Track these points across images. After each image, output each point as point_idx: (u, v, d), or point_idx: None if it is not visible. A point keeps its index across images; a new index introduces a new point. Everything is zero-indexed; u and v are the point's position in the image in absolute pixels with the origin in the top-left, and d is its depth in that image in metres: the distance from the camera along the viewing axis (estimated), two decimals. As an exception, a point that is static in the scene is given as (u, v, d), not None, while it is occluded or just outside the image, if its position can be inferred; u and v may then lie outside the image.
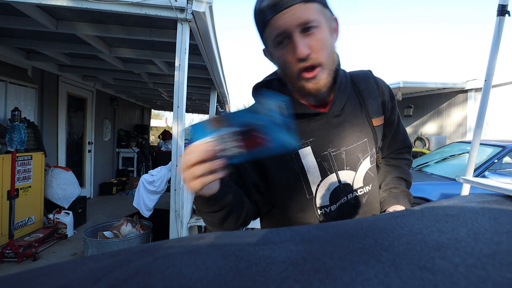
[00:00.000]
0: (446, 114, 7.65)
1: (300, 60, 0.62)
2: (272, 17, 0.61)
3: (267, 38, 0.65)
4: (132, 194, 5.55)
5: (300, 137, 0.71)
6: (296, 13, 0.60)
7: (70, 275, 0.20)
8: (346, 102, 0.74)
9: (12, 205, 2.94)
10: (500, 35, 1.91)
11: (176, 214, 2.26)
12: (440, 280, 0.17)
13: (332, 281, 0.18)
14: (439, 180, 3.52)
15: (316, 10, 0.62)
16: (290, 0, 0.59)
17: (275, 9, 0.60)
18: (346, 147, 0.72)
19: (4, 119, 3.46)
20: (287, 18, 0.60)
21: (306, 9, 0.60)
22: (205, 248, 0.24)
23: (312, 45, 0.62)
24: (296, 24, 0.60)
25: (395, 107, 0.82)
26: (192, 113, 11.43)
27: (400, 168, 0.85)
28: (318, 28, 0.62)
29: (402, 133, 0.87)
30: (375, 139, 0.77)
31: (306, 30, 0.61)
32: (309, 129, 0.72)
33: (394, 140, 0.85)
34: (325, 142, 0.71)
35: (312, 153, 0.71)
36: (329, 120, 0.72)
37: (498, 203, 0.36)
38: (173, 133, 2.26)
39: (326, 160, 0.71)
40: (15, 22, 2.60)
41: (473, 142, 2.04)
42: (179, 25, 2.21)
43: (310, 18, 0.60)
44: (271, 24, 0.62)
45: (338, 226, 0.28)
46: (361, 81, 0.78)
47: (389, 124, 0.81)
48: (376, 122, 0.76)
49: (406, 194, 0.80)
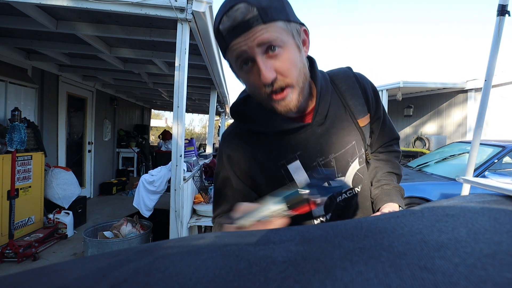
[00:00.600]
0: (446, 114, 7.65)
1: (266, 85, 0.59)
2: (231, 42, 0.58)
3: (231, 61, 0.63)
4: (132, 194, 5.56)
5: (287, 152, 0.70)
6: (256, 35, 0.56)
7: (70, 275, 0.20)
8: (329, 107, 0.72)
9: (12, 205, 2.94)
10: (500, 35, 1.91)
11: (176, 214, 2.26)
12: (440, 280, 0.17)
13: (332, 281, 0.18)
14: (439, 180, 3.52)
15: (278, 29, 0.58)
16: (249, 22, 0.56)
17: (234, 33, 0.57)
18: (335, 153, 0.71)
19: (4, 119, 3.46)
20: (247, 41, 0.57)
21: (267, 29, 0.57)
22: (205, 248, 0.24)
23: (278, 68, 0.59)
24: (256, 45, 0.57)
25: (379, 101, 0.80)
26: (192, 113, 11.43)
27: (390, 162, 0.84)
28: (282, 48, 0.59)
29: (389, 126, 0.85)
30: (363, 139, 0.76)
31: (269, 50, 0.58)
32: (295, 142, 0.70)
33: (382, 135, 0.84)
34: (313, 153, 0.70)
35: (302, 167, 0.70)
36: (314, 130, 0.70)
37: (498, 203, 0.36)
38: (173, 133, 2.26)
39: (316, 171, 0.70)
40: (15, 22, 2.60)
41: (473, 142, 2.04)
42: (179, 25, 2.21)
43: (271, 38, 0.57)
44: (231, 48, 0.59)
45: (338, 226, 0.28)
46: (342, 81, 0.76)
47: (375, 120, 0.80)
48: (362, 122, 0.75)
49: (398, 189, 0.79)
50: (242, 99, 0.76)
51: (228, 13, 0.56)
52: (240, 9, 0.56)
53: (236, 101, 0.77)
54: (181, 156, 2.27)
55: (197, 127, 23.41)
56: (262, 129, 0.71)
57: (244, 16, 0.56)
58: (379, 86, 7.10)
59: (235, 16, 0.56)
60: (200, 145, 10.40)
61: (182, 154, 2.29)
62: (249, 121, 0.73)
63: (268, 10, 0.57)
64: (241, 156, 0.74)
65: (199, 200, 2.98)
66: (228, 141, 0.77)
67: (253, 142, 0.73)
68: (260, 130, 0.72)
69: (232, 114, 0.77)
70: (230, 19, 0.56)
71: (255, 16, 0.56)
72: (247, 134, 0.74)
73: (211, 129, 5.77)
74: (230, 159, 0.75)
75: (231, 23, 0.56)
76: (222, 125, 9.17)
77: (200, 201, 2.97)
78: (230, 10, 0.56)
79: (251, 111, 0.73)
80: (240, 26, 0.56)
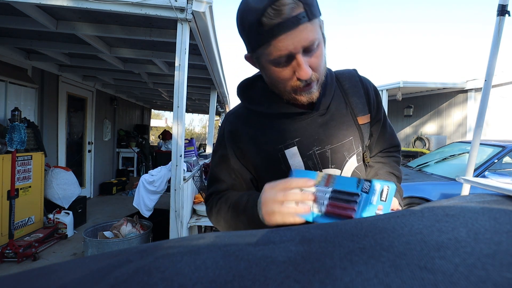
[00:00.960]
0: (446, 114, 7.65)
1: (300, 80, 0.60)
2: (277, 37, 0.56)
3: (264, 53, 0.60)
4: (132, 194, 5.56)
5: (286, 137, 0.72)
6: (302, 35, 0.56)
7: (70, 275, 0.20)
8: (332, 101, 0.74)
9: (12, 205, 2.94)
10: (500, 35, 1.91)
11: (176, 214, 2.26)
12: (440, 280, 0.17)
13: (332, 281, 0.18)
14: (439, 180, 3.52)
15: (317, 27, 0.59)
16: (297, 19, 0.54)
17: (281, 29, 0.55)
18: (331, 145, 0.72)
19: (4, 119, 3.46)
20: (294, 39, 0.55)
21: (311, 29, 0.57)
22: (205, 248, 0.24)
23: (312, 63, 0.60)
24: (302, 46, 0.57)
25: (380, 105, 0.81)
26: (192, 113, 11.43)
27: (389, 164, 0.85)
28: (318, 45, 0.60)
29: (389, 132, 0.86)
30: (361, 138, 0.76)
31: (309, 49, 0.59)
32: (295, 128, 0.72)
33: (382, 139, 0.85)
34: (310, 141, 0.71)
35: (299, 153, 0.71)
36: (315, 119, 0.72)
37: (498, 203, 0.36)
38: (173, 133, 2.26)
39: (311, 159, 0.72)
40: (15, 22, 2.60)
41: (473, 142, 2.04)
42: (179, 25, 2.21)
43: (315, 39, 0.58)
44: (274, 44, 0.57)
45: (338, 226, 0.28)
46: (346, 79, 0.77)
47: (375, 122, 0.81)
48: (361, 120, 0.76)
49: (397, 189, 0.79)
50: (250, 81, 0.77)
51: (275, 6, 0.54)
52: (289, 4, 0.54)
53: (245, 80, 0.78)
54: (181, 156, 2.27)
55: (197, 127, 23.42)
56: (265, 111, 0.73)
57: (292, 12, 0.54)
58: (379, 86, 7.10)
59: (283, 11, 0.54)
60: (200, 145, 10.40)
61: (182, 154, 2.29)
62: (253, 102, 0.75)
63: (311, 7, 0.57)
64: (241, 136, 0.75)
65: (199, 200, 2.98)
66: (230, 120, 0.78)
67: (255, 123, 0.74)
68: (263, 111, 0.73)
69: (239, 90, 0.78)
70: (277, 12, 0.54)
71: (302, 13, 0.55)
72: (250, 115, 0.75)
73: (211, 129, 5.77)
74: (230, 138, 0.76)
75: (279, 17, 0.54)
76: (222, 125, 9.15)
77: (200, 201, 2.97)
78: (277, 2, 0.54)
79: (257, 92, 0.75)
80: (289, 22, 0.54)
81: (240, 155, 0.75)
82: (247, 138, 0.74)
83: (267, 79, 0.69)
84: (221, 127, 0.80)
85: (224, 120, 0.81)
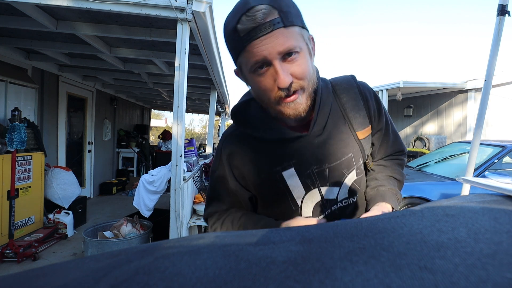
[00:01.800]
0: (446, 114, 7.65)
1: (281, 89, 0.59)
2: (250, 43, 0.56)
3: (243, 62, 0.61)
4: (132, 194, 5.55)
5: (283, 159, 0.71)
6: (277, 40, 0.56)
7: (70, 275, 0.20)
8: (329, 118, 0.72)
9: (12, 205, 2.94)
10: (500, 35, 1.91)
11: (176, 214, 2.26)
12: (440, 280, 0.17)
13: (332, 281, 0.18)
14: (439, 180, 3.52)
15: (297, 35, 0.58)
16: (271, 25, 0.55)
17: (255, 35, 0.55)
18: (329, 164, 0.71)
19: (4, 119, 3.46)
20: (267, 45, 0.56)
21: (287, 35, 0.56)
22: (205, 248, 0.24)
23: (294, 72, 0.59)
24: (277, 51, 0.56)
25: (382, 112, 0.78)
26: (192, 113, 11.43)
27: (390, 167, 0.83)
28: (299, 53, 0.59)
29: (392, 139, 0.83)
30: (362, 151, 0.75)
31: (287, 56, 0.58)
32: (291, 151, 0.71)
33: (384, 147, 0.83)
34: (308, 162, 0.71)
35: (296, 174, 0.71)
36: (311, 140, 0.71)
37: (498, 203, 0.36)
38: (173, 133, 2.26)
39: (309, 177, 0.71)
40: (15, 22, 2.60)
41: (473, 142, 2.04)
42: (179, 25, 2.21)
43: (292, 45, 0.57)
44: (249, 50, 0.57)
45: (338, 226, 0.28)
46: (343, 92, 0.75)
47: (376, 132, 0.79)
48: (362, 134, 0.74)
49: (394, 192, 0.78)
50: (243, 103, 0.76)
51: (249, 13, 0.55)
52: (262, 10, 0.55)
53: (238, 104, 0.77)
54: (181, 156, 2.27)
55: (197, 127, 23.43)
56: (260, 135, 0.72)
57: (265, 17, 0.55)
58: (379, 86, 7.10)
59: (256, 17, 0.55)
60: (200, 145, 10.40)
61: (182, 154, 2.29)
62: (249, 126, 0.74)
63: (288, 14, 0.57)
64: (240, 157, 0.74)
65: (199, 200, 2.98)
66: (228, 141, 0.77)
67: (252, 146, 0.74)
68: (258, 136, 0.72)
69: (233, 117, 0.77)
70: (250, 19, 0.55)
71: (276, 19, 0.56)
72: (247, 137, 0.75)
73: (211, 129, 5.77)
74: (229, 159, 0.75)
75: (252, 23, 0.55)
76: (222, 125, 9.17)
77: (200, 201, 2.97)
78: (251, 10, 0.55)
79: (252, 116, 0.74)
80: (261, 27, 0.55)
81: (239, 176, 0.75)
82: (245, 160, 0.74)
83: (253, 93, 0.68)
84: (218, 148, 0.79)
85: (221, 141, 0.80)
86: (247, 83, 0.68)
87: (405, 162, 0.88)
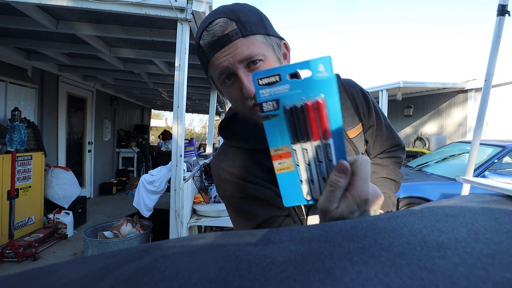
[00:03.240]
0: (446, 114, 7.65)
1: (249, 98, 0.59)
2: (212, 56, 0.58)
3: (212, 75, 0.63)
4: (132, 194, 5.55)
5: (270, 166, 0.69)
6: (236, 50, 0.57)
7: (70, 275, 0.20)
8: None
9: (12, 205, 2.94)
10: (500, 35, 1.91)
11: (176, 214, 2.26)
12: (440, 280, 0.17)
13: (332, 281, 0.18)
14: (439, 180, 3.53)
15: (258, 42, 0.58)
16: (228, 36, 0.56)
17: (214, 47, 0.57)
18: None
19: (4, 119, 3.46)
20: (228, 55, 0.57)
21: (247, 44, 0.57)
22: (205, 248, 0.24)
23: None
24: (238, 61, 0.57)
25: (371, 108, 0.76)
26: (192, 113, 11.43)
27: (386, 167, 0.81)
28: (264, 61, 0.59)
29: (386, 133, 0.81)
30: (355, 150, 0.73)
31: (251, 64, 0.58)
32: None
33: (379, 142, 0.81)
34: None
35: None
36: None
37: (498, 203, 0.36)
38: (173, 133, 2.26)
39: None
40: (15, 22, 2.60)
41: (473, 142, 2.04)
42: (179, 25, 2.21)
43: (253, 53, 0.57)
44: (212, 63, 0.59)
45: (338, 226, 0.28)
46: None
47: (368, 128, 0.77)
48: (352, 133, 0.73)
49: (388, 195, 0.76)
50: (229, 118, 0.75)
51: (208, 28, 0.57)
52: (219, 23, 0.56)
53: (224, 120, 0.76)
54: (181, 156, 2.27)
55: (197, 127, 23.44)
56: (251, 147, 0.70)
57: (223, 30, 0.56)
58: (379, 86, 7.10)
59: (214, 31, 0.57)
60: (200, 145, 10.40)
61: (182, 154, 2.29)
62: (238, 139, 0.72)
63: (247, 24, 0.58)
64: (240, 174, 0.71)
65: (199, 200, 2.98)
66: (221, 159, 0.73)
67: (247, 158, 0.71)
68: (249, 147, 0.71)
69: (221, 133, 0.76)
70: (210, 33, 0.57)
71: (234, 30, 0.57)
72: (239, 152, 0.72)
73: (211, 129, 5.77)
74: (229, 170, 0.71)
75: (211, 37, 0.57)
76: (222, 125, 9.15)
77: (200, 201, 2.97)
78: (210, 25, 0.57)
79: (239, 129, 0.73)
80: (220, 40, 0.57)
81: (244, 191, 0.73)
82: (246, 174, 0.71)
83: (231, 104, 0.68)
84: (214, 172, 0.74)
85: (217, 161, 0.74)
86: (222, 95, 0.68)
87: (403, 159, 0.86)
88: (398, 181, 0.82)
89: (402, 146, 0.85)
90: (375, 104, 0.78)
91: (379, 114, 0.79)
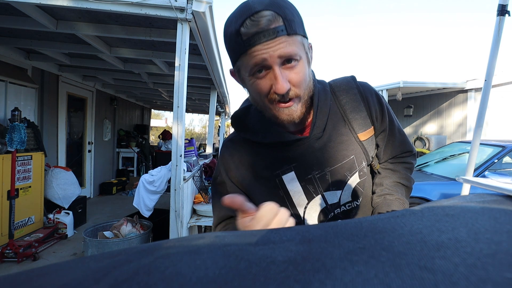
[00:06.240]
0: (446, 114, 7.65)
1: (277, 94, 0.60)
2: (252, 47, 0.57)
3: (243, 64, 0.61)
4: (132, 194, 5.56)
5: (283, 163, 0.70)
6: (279, 45, 0.56)
7: (70, 275, 0.20)
8: (328, 121, 0.71)
9: (12, 205, 2.94)
10: (500, 35, 1.91)
11: (176, 214, 2.26)
12: (440, 280, 0.17)
13: (332, 281, 0.18)
14: (439, 180, 3.52)
15: (298, 43, 0.59)
16: (274, 31, 0.56)
17: (258, 39, 0.56)
18: (330, 167, 0.70)
19: (4, 119, 3.46)
20: (270, 50, 0.56)
21: (290, 42, 0.57)
22: (205, 248, 0.24)
23: (292, 79, 0.60)
24: (278, 55, 0.57)
25: (385, 113, 0.76)
26: (192, 113, 11.43)
27: (398, 172, 0.81)
28: (298, 61, 0.60)
29: (398, 138, 0.80)
30: (365, 153, 0.74)
31: (286, 62, 0.58)
32: (292, 154, 0.70)
33: (390, 147, 0.80)
34: (308, 166, 0.70)
35: (296, 178, 0.70)
36: (311, 143, 0.70)
37: (498, 203, 0.36)
38: (173, 133, 2.26)
39: (311, 183, 0.70)
40: (15, 22, 2.60)
41: (473, 142, 2.04)
42: (179, 25, 2.21)
43: (293, 52, 0.58)
44: (251, 53, 0.58)
45: (338, 226, 0.28)
46: (343, 93, 0.74)
47: (380, 133, 0.77)
48: (363, 136, 0.73)
49: (402, 202, 0.75)
50: (243, 109, 0.76)
51: (253, 17, 0.56)
52: (267, 16, 0.56)
53: (237, 110, 0.77)
54: (181, 156, 2.27)
55: (197, 127, 23.44)
56: (260, 140, 0.72)
57: (270, 24, 0.56)
58: (379, 86, 7.10)
59: (261, 22, 0.55)
60: (200, 145, 10.40)
61: (182, 154, 2.29)
62: (249, 131, 0.74)
63: (292, 22, 0.58)
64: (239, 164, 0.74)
65: (199, 200, 2.98)
66: (228, 147, 0.77)
67: (252, 151, 0.74)
68: (258, 140, 0.72)
69: (233, 123, 0.77)
70: (255, 23, 0.56)
71: (280, 26, 0.56)
72: (246, 143, 0.75)
73: (211, 129, 5.77)
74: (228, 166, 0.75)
75: (256, 27, 0.56)
76: (222, 125, 9.17)
77: (200, 201, 2.97)
78: (256, 15, 0.56)
79: (251, 121, 0.74)
80: (265, 33, 0.56)
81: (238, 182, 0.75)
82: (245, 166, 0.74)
83: (250, 96, 0.69)
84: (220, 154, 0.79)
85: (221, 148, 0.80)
86: (243, 85, 0.68)
87: (414, 165, 0.86)
88: (409, 187, 0.82)
89: (413, 152, 0.85)
90: (389, 109, 0.79)
91: (393, 119, 0.79)
